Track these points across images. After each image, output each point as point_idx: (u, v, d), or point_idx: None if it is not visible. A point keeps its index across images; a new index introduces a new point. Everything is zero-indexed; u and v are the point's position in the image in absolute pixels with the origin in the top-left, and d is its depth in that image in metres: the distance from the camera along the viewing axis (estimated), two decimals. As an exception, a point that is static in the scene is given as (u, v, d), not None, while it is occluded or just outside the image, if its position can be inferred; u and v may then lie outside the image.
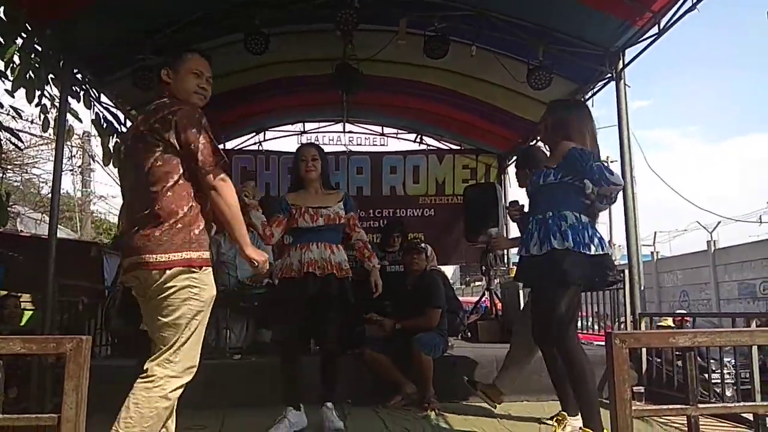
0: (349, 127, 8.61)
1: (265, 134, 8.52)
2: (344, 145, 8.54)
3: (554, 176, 3.03)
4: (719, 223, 15.18)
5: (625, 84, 5.11)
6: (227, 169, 2.38)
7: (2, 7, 4.82)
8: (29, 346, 1.25)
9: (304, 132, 8.57)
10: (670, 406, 1.55)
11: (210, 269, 2.33)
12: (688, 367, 1.43)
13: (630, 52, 5.09)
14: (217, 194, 2.30)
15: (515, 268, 3.27)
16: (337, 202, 3.63)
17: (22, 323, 5.70)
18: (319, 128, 8.59)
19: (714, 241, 14.96)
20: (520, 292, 5.55)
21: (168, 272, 2.22)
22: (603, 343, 3.71)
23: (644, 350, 4.59)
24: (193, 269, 2.25)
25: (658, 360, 4.67)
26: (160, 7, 4.87)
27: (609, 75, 5.28)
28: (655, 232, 18.31)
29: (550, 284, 3.02)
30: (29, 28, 4.82)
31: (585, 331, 6.08)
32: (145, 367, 2.21)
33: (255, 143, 8.54)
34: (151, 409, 2.13)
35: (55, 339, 1.29)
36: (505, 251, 7.83)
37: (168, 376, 2.19)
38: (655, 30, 4.70)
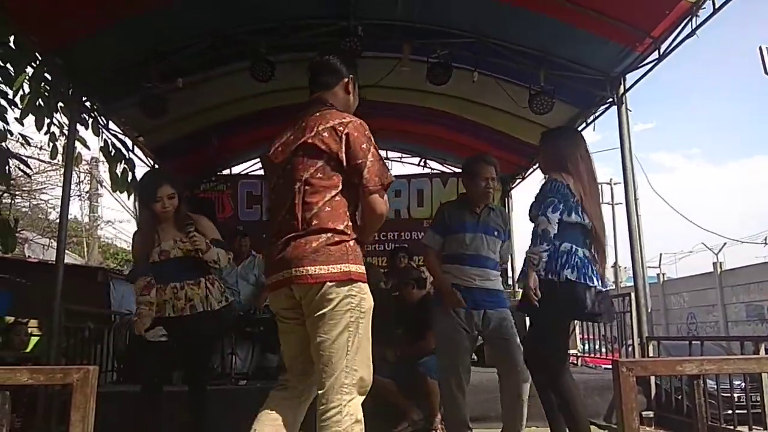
0: (353, 151, 8.65)
1: (271, 159, 8.57)
2: (349, 169, 8.58)
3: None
4: (725, 244, 15.12)
5: (626, 108, 5.16)
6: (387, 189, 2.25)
7: (12, 37, 4.96)
8: (36, 377, 1.25)
9: (310, 157, 8.62)
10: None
11: (366, 283, 2.22)
12: (696, 395, 1.42)
13: (631, 77, 5.16)
14: (379, 217, 2.22)
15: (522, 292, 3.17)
16: None
17: (28, 349, 5.70)
18: (324, 153, 8.64)
19: (720, 262, 14.87)
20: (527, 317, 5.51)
21: (328, 284, 2.10)
22: (610, 367, 3.67)
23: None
24: (353, 281, 2.14)
25: (668, 384, 4.62)
26: (166, 34, 4.97)
27: (610, 99, 5.32)
28: (661, 254, 18.21)
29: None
30: (39, 57, 4.93)
31: (592, 355, 6.04)
32: (319, 393, 2.12)
33: (261, 168, 8.59)
34: None
35: (63, 369, 1.30)
36: (510, 273, 7.78)
37: (350, 402, 2.09)
38: (655, 55, 4.76)
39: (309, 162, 2.18)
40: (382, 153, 8.04)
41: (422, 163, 8.79)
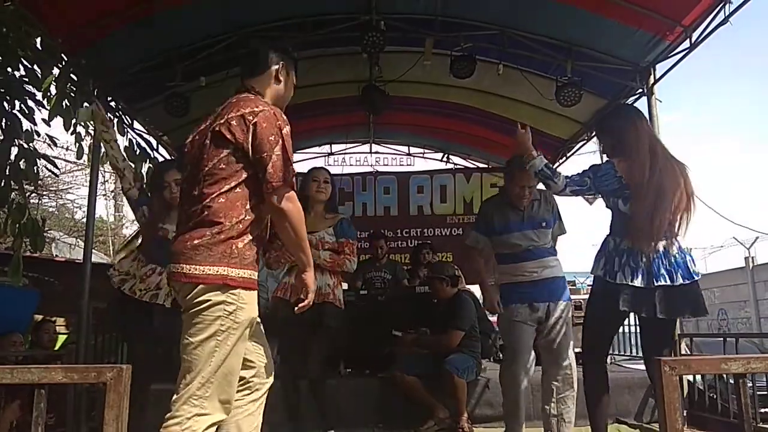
0: (375, 147, 8.65)
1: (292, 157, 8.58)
2: (371, 165, 8.57)
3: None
4: (757, 238, 14.71)
5: (656, 99, 5.05)
6: (295, 187, 2.12)
7: (39, 38, 5.01)
8: (71, 376, 1.25)
9: (331, 153, 8.63)
10: (724, 436, 1.47)
11: (253, 291, 2.07)
12: (741, 394, 1.36)
13: (661, 67, 5.04)
14: (284, 218, 2.06)
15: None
16: (327, 227, 3.63)
17: (56, 347, 5.78)
18: (345, 149, 8.64)
19: (752, 257, 14.54)
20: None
21: (200, 286, 1.95)
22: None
23: (685, 373, 4.44)
24: (230, 287, 1.98)
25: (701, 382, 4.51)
26: (188, 34, 4.98)
27: (640, 90, 5.20)
28: (690, 249, 17.77)
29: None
30: (65, 58, 4.98)
31: (622, 353, 5.92)
32: (171, 405, 1.90)
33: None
34: None
35: (96, 369, 1.29)
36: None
37: (197, 415, 1.89)
38: (686, 44, 4.64)
39: (215, 151, 2.05)
40: (404, 148, 8.06)
41: (445, 159, 8.72)
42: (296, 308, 2.21)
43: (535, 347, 3.48)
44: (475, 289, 8.32)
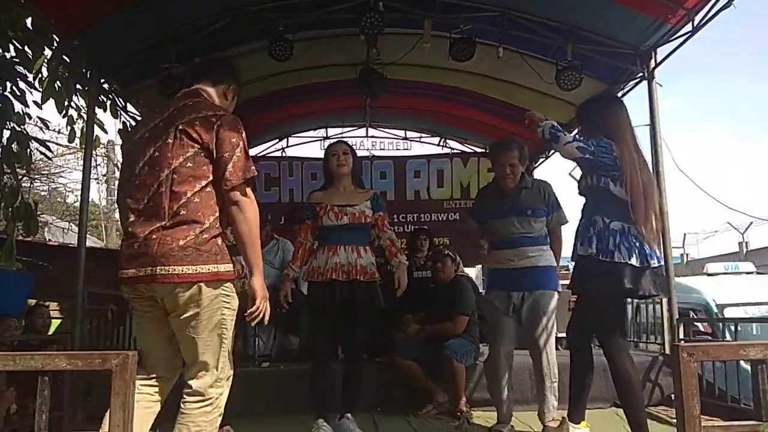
0: (371, 131, 8.58)
1: (288, 140, 8.52)
2: (367, 149, 8.50)
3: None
4: (751, 223, 14.79)
5: (656, 83, 5.00)
6: (254, 187, 2.27)
7: (30, 19, 4.90)
8: (75, 363, 1.22)
9: (327, 137, 8.55)
10: (741, 423, 1.46)
11: (232, 282, 2.24)
12: (760, 380, 1.34)
13: (662, 51, 4.99)
14: (239, 211, 2.16)
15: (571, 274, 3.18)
16: (365, 201, 3.60)
17: (50, 332, 5.74)
18: (342, 133, 8.56)
19: (746, 242, 14.64)
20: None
21: (197, 285, 2.08)
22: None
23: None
24: (222, 281, 2.15)
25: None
26: (184, 14, 4.88)
27: (640, 74, 5.16)
28: (685, 234, 17.87)
29: (583, 291, 3.03)
30: (57, 39, 4.88)
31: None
32: (192, 386, 2.16)
33: (278, 149, 8.54)
34: (213, 429, 2.17)
35: (101, 355, 1.25)
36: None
37: (221, 395, 2.21)
38: (688, 28, 4.58)
39: (179, 150, 2.15)
40: (400, 132, 7.96)
41: (442, 143, 8.66)
42: (245, 316, 2.24)
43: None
44: (469, 271, 8.29)
